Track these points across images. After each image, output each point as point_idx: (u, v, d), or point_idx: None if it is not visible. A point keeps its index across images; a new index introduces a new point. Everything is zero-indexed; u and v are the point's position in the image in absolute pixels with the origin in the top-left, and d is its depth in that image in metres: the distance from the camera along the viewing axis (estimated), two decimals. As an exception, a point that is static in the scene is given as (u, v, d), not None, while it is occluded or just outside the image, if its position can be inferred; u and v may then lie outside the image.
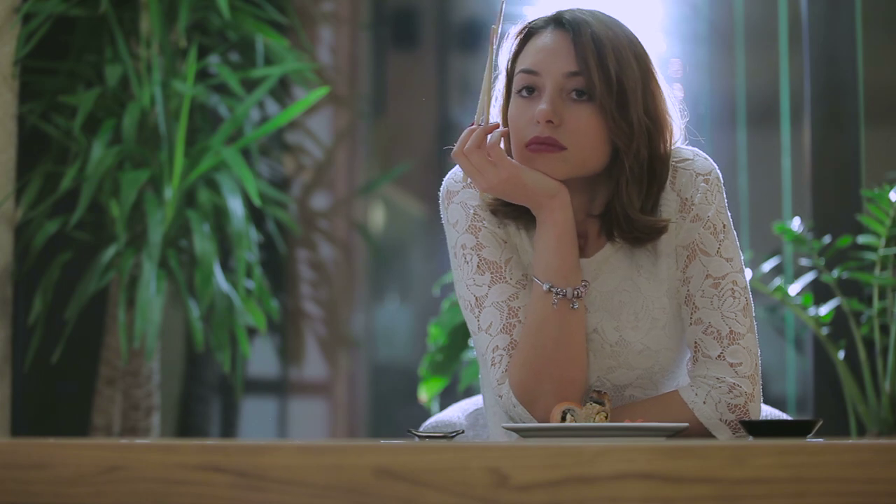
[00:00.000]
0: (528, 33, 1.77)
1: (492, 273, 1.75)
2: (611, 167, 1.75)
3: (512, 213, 1.77)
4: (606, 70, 1.70)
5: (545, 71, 1.72)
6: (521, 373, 1.70)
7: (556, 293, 1.69)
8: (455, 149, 1.71)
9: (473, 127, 1.71)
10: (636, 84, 1.71)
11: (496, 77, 1.79)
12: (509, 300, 1.73)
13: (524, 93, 1.73)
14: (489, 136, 1.70)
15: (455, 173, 1.83)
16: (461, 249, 1.78)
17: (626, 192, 1.72)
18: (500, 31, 1.74)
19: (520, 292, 1.74)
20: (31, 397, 3.17)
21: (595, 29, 1.72)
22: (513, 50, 1.78)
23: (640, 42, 1.76)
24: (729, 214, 1.78)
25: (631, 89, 1.71)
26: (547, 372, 1.68)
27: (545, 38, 1.75)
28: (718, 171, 1.78)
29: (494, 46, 1.73)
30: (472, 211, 1.78)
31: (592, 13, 1.75)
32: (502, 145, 1.76)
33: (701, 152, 1.80)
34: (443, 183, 1.84)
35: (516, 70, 1.76)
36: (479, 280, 1.75)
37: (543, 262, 1.71)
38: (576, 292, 1.70)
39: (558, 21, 1.75)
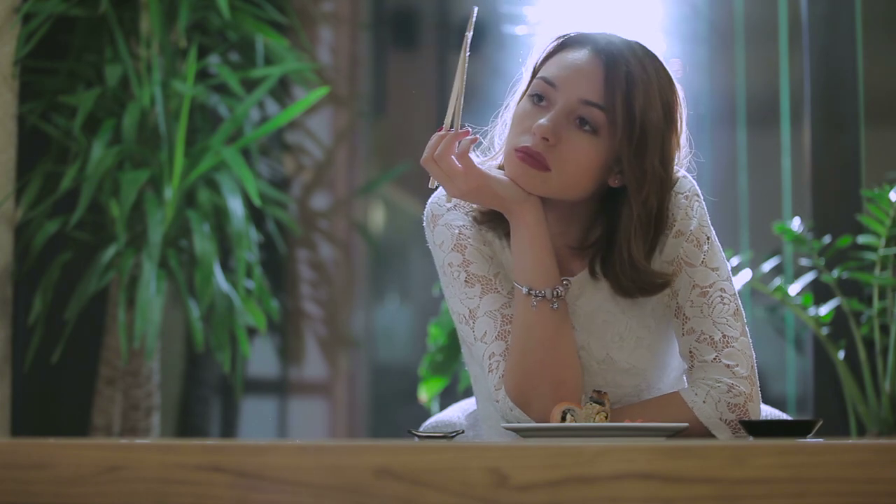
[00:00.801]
0: (564, 43, 1.75)
1: (482, 285, 1.75)
2: (594, 204, 1.75)
3: (495, 220, 1.77)
4: (631, 111, 1.67)
5: (563, 88, 1.70)
6: (515, 377, 1.70)
7: (535, 295, 1.69)
8: (424, 156, 1.69)
9: (442, 133, 1.69)
10: (658, 132, 1.69)
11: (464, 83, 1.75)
12: (501, 308, 1.73)
13: (535, 99, 1.72)
14: (459, 144, 1.68)
15: (438, 196, 1.83)
16: (449, 268, 1.78)
17: (633, 240, 1.70)
18: (470, 38, 1.71)
19: (511, 301, 1.74)
20: (31, 397, 3.17)
21: (631, 67, 1.68)
22: (546, 52, 1.76)
23: (673, 88, 1.73)
24: (712, 228, 1.77)
25: (652, 136, 1.68)
26: (539, 374, 1.68)
27: (577, 56, 1.72)
28: (696, 187, 1.78)
29: (466, 53, 1.72)
30: (456, 231, 1.78)
31: (631, 47, 1.71)
32: (503, 139, 1.77)
33: (678, 170, 1.78)
34: (427, 206, 1.84)
35: (538, 74, 1.74)
36: (470, 293, 1.75)
37: (519, 265, 1.71)
38: (555, 292, 1.70)
39: (597, 46, 1.71)
